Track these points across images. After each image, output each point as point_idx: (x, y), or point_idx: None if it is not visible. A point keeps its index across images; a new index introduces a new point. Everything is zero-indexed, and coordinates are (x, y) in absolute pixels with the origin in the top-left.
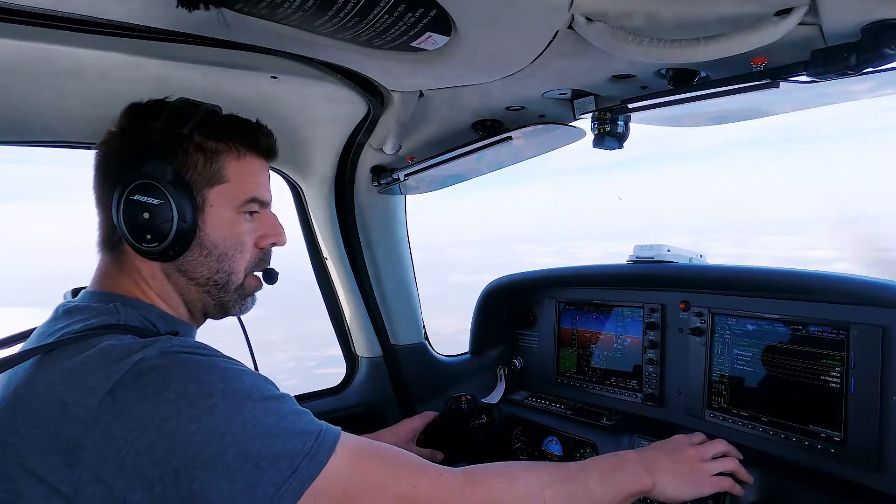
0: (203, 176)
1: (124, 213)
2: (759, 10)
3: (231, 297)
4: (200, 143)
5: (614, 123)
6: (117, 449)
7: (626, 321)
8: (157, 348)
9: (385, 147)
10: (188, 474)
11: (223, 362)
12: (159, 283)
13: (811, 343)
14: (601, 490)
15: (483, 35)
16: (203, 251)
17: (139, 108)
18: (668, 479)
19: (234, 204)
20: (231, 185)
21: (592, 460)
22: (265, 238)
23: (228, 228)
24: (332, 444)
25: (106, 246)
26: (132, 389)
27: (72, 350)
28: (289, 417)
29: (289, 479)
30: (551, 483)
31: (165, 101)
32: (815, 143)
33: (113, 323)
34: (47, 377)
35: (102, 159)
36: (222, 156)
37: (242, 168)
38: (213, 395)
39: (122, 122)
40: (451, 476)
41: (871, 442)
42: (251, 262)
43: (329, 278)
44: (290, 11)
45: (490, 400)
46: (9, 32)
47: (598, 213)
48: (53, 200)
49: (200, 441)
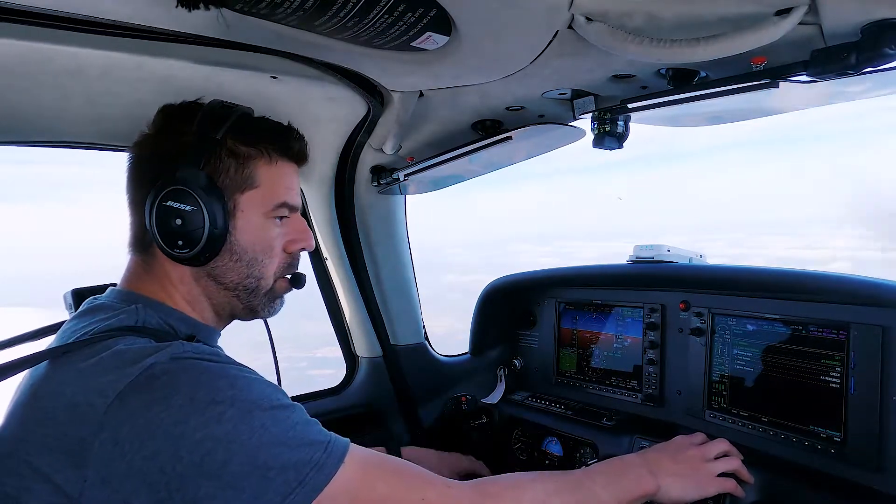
0: (235, 181)
1: (157, 219)
2: (758, 10)
3: (260, 300)
4: (233, 147)
5: (614, 123)
6: (124, 453)
7: (626, 321)
8: (168, 353)
9: (385, 147)
10: (193, 481)
11: (234, 369)
12: (187, 287)
13: (811, 343)
14: (606, 495)
15: (483, 35)
16: (233, 256)
17: (173, 109)
18: (673, 481)
19: (265, 209)
20: (262, 191)
21: (596, 466)
22: (294, 243)
23: (258, 233)
24: (340, 454)
25: (137, 247)
26: (142, 394)
27: (87, 352)
28: (297, 427)
29: (296, 489)
30: (557, 492)
31: (199, 104)
32: (815, 143)
33: (131, 324)
34: (61, 377)
35: (136, 161)
36: (254, 161)
37: (273, 173)
38: (222, 403)
39: (156, 123)
40: (459, 488)
41: (871, 442)
42: (280, 267)
43: (329, 278)
44: (289, 11)
45: (490, 400)
46: (9, 32)
47: (595, 213)
48: (53, 200)
49: (207, 448)
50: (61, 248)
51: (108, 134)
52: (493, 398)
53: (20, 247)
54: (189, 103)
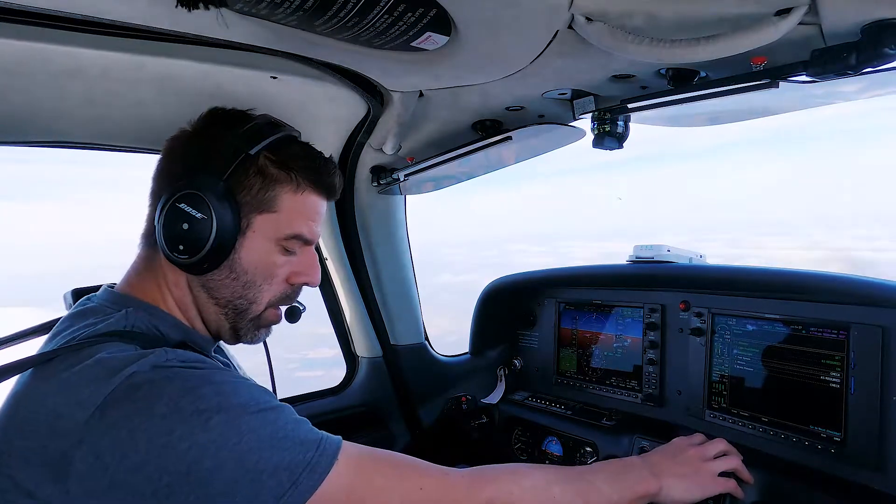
0: (255, 200)
1: (165, 218)
2: (758, 10)
3: (246, 325)
4: (263, 166)
5: (614, 123)
6: (106, 466)
7: (626, 321)
8: (149, 362)
9: (385, 147)
10: (182, 489)
11: (218, 375)
12: (181, 293)
13: (811, 343)
14: (608, 489)
15: (483, 35)
16: (231, 273)
17: (219, 114)
18: (675, 482)
19: (277, 235)
20: (279, 217)
21: (598, 464)
22: (298, 276)
23: (263, 257)
24: (333, 452)
25: (146, 240)
26: (122, 405)
27: (71, 359)
28: (287, 428)
29: (289, 490)
30: (558, 480)
31: (249, 115)
32: (815, 143)
33: (119, 329)
34: (43, 386)
35: (166, 155)
36: (280, 185)
37: (297, 202)
38: (207, 410)
39: (198, 123)
40: (456, 475)
41: (871, 442)
42: (277, 296)
43: (329, 278)
44: (289, 11)
45: (490, 400)
46: (9, 32)
47: (593, 213)
48: (52, 200)
49: (194, 457)
50: (60, 248)
51: (107, 134)
52: (493, 398)
53: (19, 246)
54: (238, 111)
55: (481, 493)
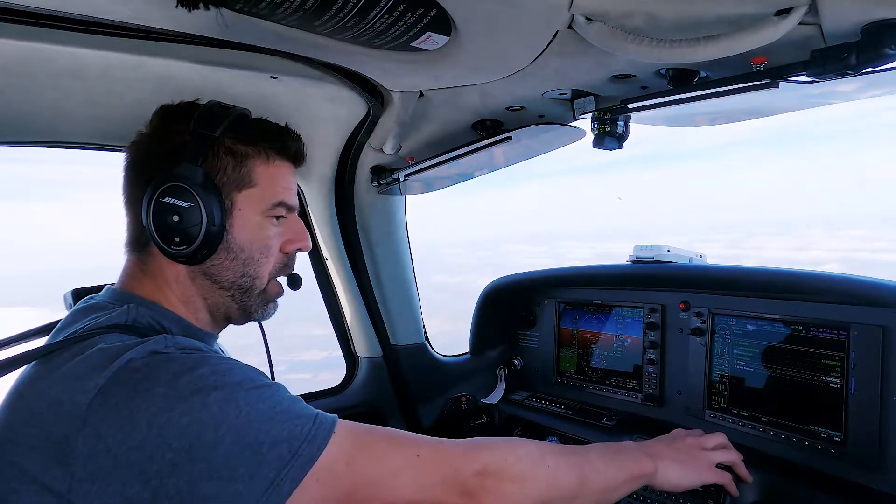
0: (232, 179)
1: (154, 215)
2: (758, 10)
3: (254, 301)
4: (230, 146)
5: (614, 123)
6: (108, 447)
7: (626, 321)
8: (147, 348)
9: (385, 147)
10: (185, 466)
11: (214, 358)
12: (183, 288)
13: (811, 343)
14: (603, 465)
15: (483, 35)
16: (230, 255)
17: (170, 109)
18: (671, 465)
19: (262, 208)
20: (259, 189)
21: (594, 444)
22: (291, 243)
23: (255, 232)
24: (330, 425)
25: (133, 246)
26: (123, 387)
27: (73, 350)
28: (284, 403)
29: (290, 461)
30: (553, 452)
31: (196, 104)
32: (815, 143)
33: (120, 322)
34: (46, 377)
35: (133, 160)
36: (251, 160)
37: (271, 172)
38: (205, 388)
39: (153, 123)
40: (452, 444)
41: (871, 442)
42: (276, 267)
43: (329, 278)
44: (289, 11)
45: (490, 400)
46: (9, 32)
47: (592, 213)
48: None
49: (195, 433)
50: (60, 248)
51: (107, 134)
52: (493, 398)
53: (19, 246)
54: (187, 103)
55: (477, 458)
